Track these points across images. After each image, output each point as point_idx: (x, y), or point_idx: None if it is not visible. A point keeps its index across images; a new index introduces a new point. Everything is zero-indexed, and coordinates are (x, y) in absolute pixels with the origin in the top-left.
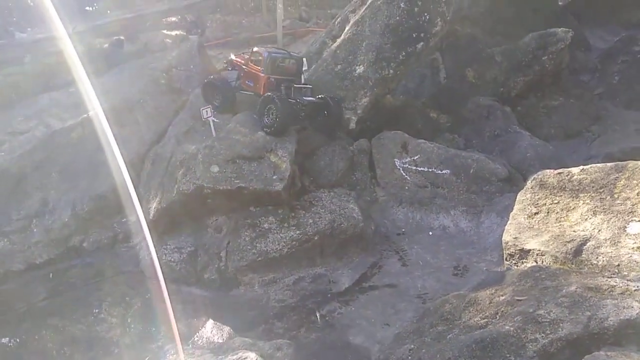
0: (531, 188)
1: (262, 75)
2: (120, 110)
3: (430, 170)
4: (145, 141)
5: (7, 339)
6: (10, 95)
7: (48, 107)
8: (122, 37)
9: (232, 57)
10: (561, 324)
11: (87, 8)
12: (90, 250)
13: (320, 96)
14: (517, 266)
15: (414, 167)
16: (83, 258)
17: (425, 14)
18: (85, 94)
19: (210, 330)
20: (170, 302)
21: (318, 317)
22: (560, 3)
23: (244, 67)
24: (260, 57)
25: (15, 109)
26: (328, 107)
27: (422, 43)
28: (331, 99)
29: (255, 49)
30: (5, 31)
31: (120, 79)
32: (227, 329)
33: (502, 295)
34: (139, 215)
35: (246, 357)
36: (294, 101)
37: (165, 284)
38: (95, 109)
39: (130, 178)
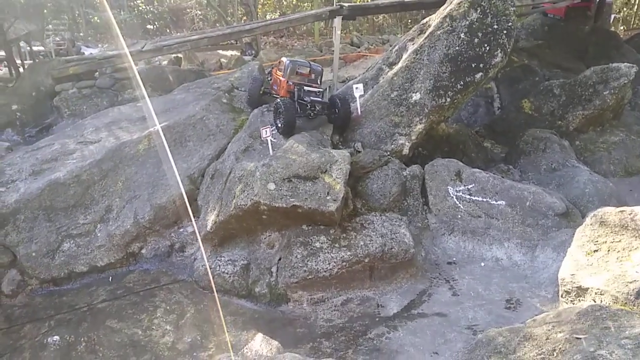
0: (590, 225)
1: (282, 80)
2: (185, 125)
3: (484, 200)
4: (206, 156)
5: (68, 337)
6: (82, 107)
7: (117, 120)
8: (180, 56)
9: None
10: None
11: (149, 26)
12: (148, 257)
13: (329, 97)
14: (574, 304)
15: (468, 196)
16: (141, 264)
17: (486, 45)
18: (148, 111)
19: (260, 344)
20: (221, 314)
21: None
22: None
23: (274, 74)
24: (282, 65)
25: (86, 120)
26: (336, 106)
27: (481, 73)
28: (340, 99)
29: (282, 58)
30: (72, 46)
31: (186, 97)
32: (275, 343)
33: (559, 332)
34: (195, 228)
35: None
36: (302, 102)
37: (217, 295)
38: (156, 126)
39: (190, 190)
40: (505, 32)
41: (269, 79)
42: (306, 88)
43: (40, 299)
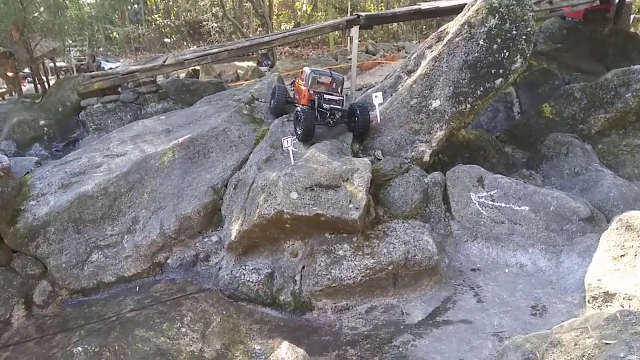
0: (616, 229)
1: (304, 88)
2: (207, 137)
3: (507, 206)
4: (229, 167)
5: (98, 346)
6: (107, 121)
7: (141, 133)
8: (197, 68)
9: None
10: None
11: (166, 39)
12: (174, 267)
13: (349, 105)
14: (601, 309)
15: (491, 202)
16: (167, 274)
17: (505, 51)
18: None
19: (286, 352)
20: (247, 322)
21: None
22: None
23: (296, 84)
24: (304, 75)
25: (112, 134)
26: (356, 114)
27: (500, 79)
28: (359, 107)
29: (304, 68)
30: (92, 61)
31: (208, 109)
32: (301, 351)
33: (588, 338)
34: None
35: None
36: (322, 109)
37: (243, 303)
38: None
39: (214, 201)
40: (524, 37)
41: (292, 88)
42: (326, 96)
43: (70, 309)
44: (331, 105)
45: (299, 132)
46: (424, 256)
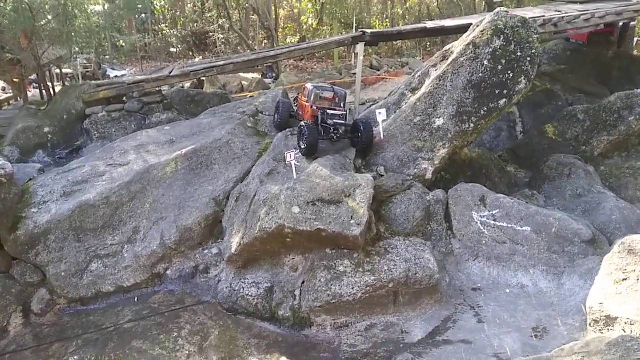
0: (618, 253)
1: (307, 105)
2: (211, 149)
3: (509, 226)
4: (231, 179)
5: (95, 356)
6: (111, 130)
7: (145, 143)
8: (203, 79)
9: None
10: None
11: (172, 49)
12: (173, 278)
13: (352, 120)
14: (602, 333)
15: (493, 222)
16: (166, 285)
17: (509, 72)
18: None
19: None
20: (245, 336)
21: None
22: None
23: (300, 100)
24: (307, 91)
25: (115, 143)
26: (359, 130)
27: (504, 100)
28: (363, 123)
29: (306, 85)
30: (98, 69)
31: (212, 121)
32: None
33: None
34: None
35: None
36: (325, 125)
37: (241, 317)
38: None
39: (215, 213)
40: (529, 59)
41: (296, 104)
42: (329, 111)
43: (68, 318)
44: (335, 121)
45: (302, 147)
46: (425, 274)
